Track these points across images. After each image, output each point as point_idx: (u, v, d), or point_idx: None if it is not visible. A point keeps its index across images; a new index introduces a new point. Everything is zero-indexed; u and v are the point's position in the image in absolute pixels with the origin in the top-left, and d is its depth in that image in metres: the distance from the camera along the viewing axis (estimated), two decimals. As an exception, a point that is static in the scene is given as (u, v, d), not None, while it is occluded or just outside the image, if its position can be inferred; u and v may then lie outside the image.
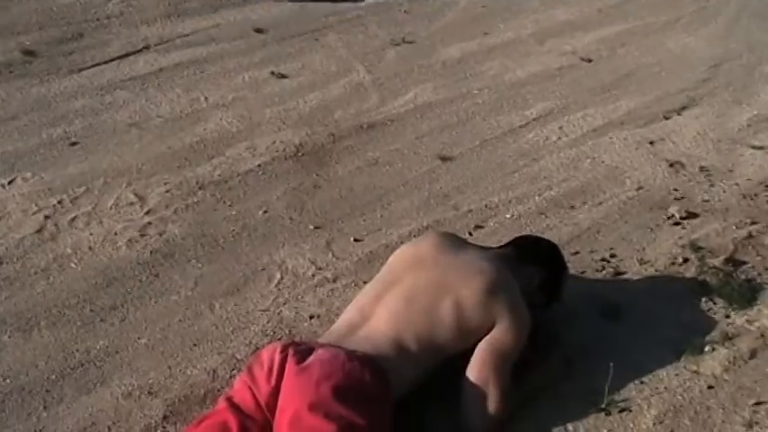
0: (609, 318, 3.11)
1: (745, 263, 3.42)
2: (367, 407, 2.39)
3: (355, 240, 3.57)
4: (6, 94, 4.59)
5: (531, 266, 2.95)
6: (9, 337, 2.99)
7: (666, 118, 4.65)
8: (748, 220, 3.69)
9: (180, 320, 3.08)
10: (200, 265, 3.40)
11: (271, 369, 2.44)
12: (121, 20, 5.47)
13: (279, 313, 3.11)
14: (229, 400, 2.46)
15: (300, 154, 4.19)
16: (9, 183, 3.88)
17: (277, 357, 2.46)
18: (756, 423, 2.66)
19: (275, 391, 2.41)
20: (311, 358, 2.45)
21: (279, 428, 2.35)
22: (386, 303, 2.72)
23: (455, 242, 2.99)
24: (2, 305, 3.14)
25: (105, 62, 5.09)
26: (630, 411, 2.71)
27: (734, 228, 3.64)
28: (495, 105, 4.73)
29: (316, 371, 2.39)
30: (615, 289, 3.27)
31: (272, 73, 5.02)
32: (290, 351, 2.48)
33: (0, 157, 4.07)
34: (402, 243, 3.36)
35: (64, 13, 5.42)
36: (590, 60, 5.32)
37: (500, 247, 3.11)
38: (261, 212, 3.74)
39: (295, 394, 2.37)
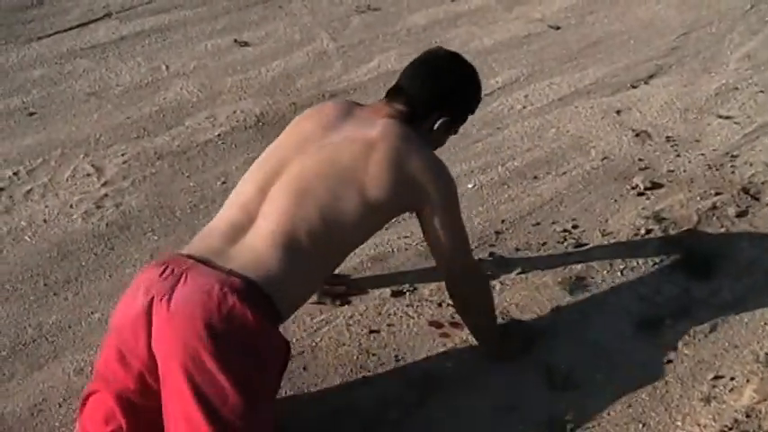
0: (568, 290, 3.08)
1: (708, 234, 3.40)
2: (254, 355, 2.18)
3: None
4: None
5: (432, 113, 2.60)
6: (-41, 311, 2.94)
7: (634, 87, 4.61)
8: (713, 191, 3.66)
9: (134, 295, 3.03)
10: (155, 238, 3.36)
11: (135, 324, 2.17)
12: None
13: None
14: (103, 377, 2.28)
15: (261, 123, 4.13)
16: (-37, 154, 3.83)
17: (140, 303, 2.17)
18: (714, 398, 2.65)
19: (148, 351, 2.17)
20: (178, 298, 2.14)
21: (165, 401, 2.17)
22: (272, 199, 2.37)
23: (342, 111, 2.59)
24: (-47, 279, 3.08)
25: (65, 30, 4.99)
26: (588, 386, 2.69)
27: (698, 199, 3.62)
28: (459, 74, 4.67)
29: (185, 319, 2.11)
30: (576, 261, 3.24)
31: (235, 41, 4.94)
32: (155, 293, 2.17)
33: (-45, 128, 4.00)
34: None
35: None
36: (558, 28, 5.26)
37: (391, 97, 2.62)
38: (219, 183, 3.69)
39: (169, 356, 2.13)
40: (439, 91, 2.60)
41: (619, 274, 3.17)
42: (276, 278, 2.25)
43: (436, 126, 2.61)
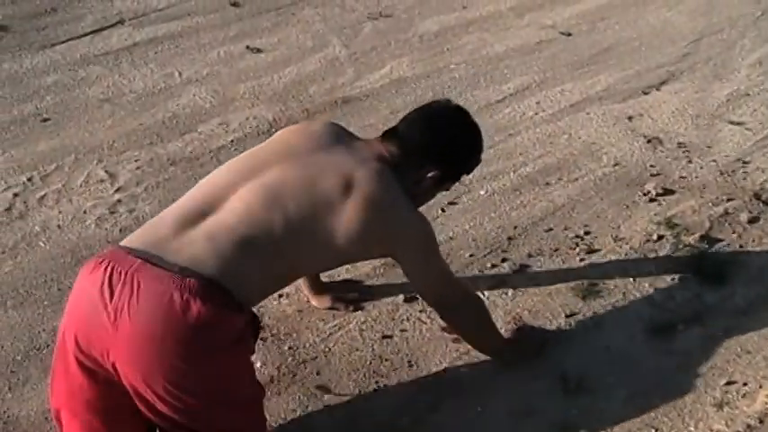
0: (581, 296, 3.08)
1: (720, 240, 3.39)
2: (220, 353, 2.12)
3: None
4: None
5: (425, 165, 2.50)
6: (-26, 316, 2.96)
7: (645, 93, 4.61)
8: (725, 197, 3.66)
9: (147, 300, 3.04)
10: (169, 244, 3.36)
11: (98, 336, 2.07)
12: None
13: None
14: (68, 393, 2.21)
15: (274, 130, 4.12)
16: (-22, 160, 3.85)
17: (98, 314, 2.06)
18: (727, 403, 2.65)
19: (112, 365, 2.09)
20: (138, 312, 2.03)
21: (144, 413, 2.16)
22: (241, 197, 2.26)
23: (333, 135, 2.50)
24: (-32, 284, 3.10)
25: (78, 37, 5.01)
26: (601, 391, 2.70)
27: (710, 205, 3.61)
28: (471, 80, 4.67)
29: (151, 340, 2.02)
30: (588, 267, 3.24)
31: (248, 47, 4.95)
32: (110, 306, 2.05)
33: (-30, 134, 4.02)
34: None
35: None
36: (569, 34, 5.26)
37: (387, 138, 2.53)
38: (232, 190, 3.69)
39: (138, 376, 2.07)
40: (435, 144, 2.51)
41: (631, 280, 3.17)
42: (233, 272, 2.14)
43: (425, 179, 2.51)
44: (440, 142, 2.52)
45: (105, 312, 2.05)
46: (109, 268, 2.09)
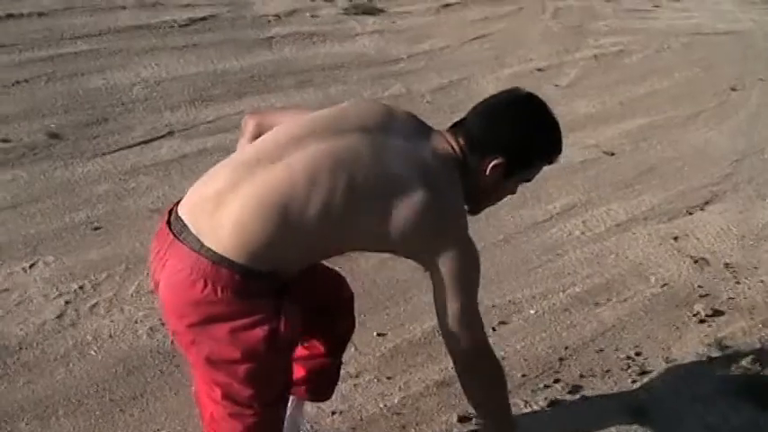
0: (634, 418, 3.06)
1: (772, 362, 3.38)
2: (232, 338, 2.13)
3: (378, 335, 3.53)
4: (30, 177, 4.60)
5: (487, 154, 2.26)
6: (26, 424, 2.95)
7: (690, 213, 4.64)
8: (775, 319, 3.65)
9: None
10: (221, 357, 3.38)
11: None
12: (146, 105, 5.50)
13: (300, 407, 3.07)
14: None
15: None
16: (30, 266, 3.86)
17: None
18: None
19: None
20: (163, 283, 2.17)
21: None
22: (242, 193, 2.12)
23: (377, 115, 2.29)
24: (20, 392, 3.09)
25: (129, 147, 5.10)
26: None
27: (760, 326, 3.61)
28: (518, 199, 4.68)
29: (167, 308, 2.19)
30: (641, 388, 3.22)
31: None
32: (155, 275, 2.23)
33: (22, 241, 4.04)
34: (425, 338, 3.34)
35: (89, 97, 5.45)
36: (613, 154, 5.33)
37: (457, 126, 2.32)
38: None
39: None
40: (494, 128, 2.28)
41: (684, 401, 3.14)
42: (252, 247, 2.09)
43: (488, 169, 2.26)
44: (499, 124, 2.28)
45: (153, 281, 2.26)
46: (157, 240, 2.24)
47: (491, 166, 2.24)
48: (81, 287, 3.77)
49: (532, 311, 3.72)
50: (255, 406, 2.24)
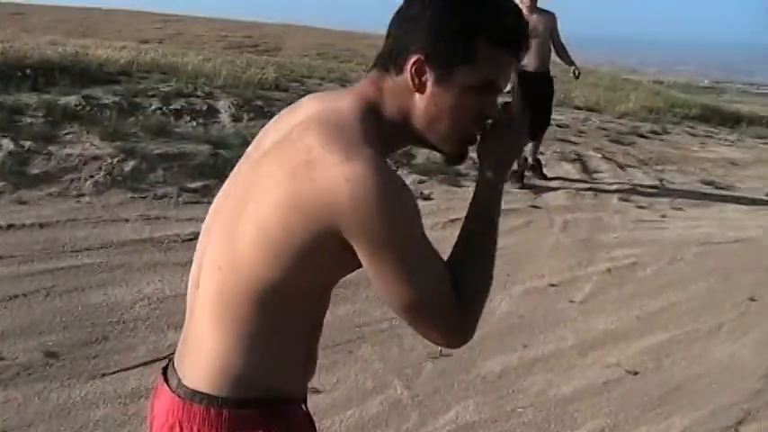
0: None
1: None
2: None
3: None
4: (24, 399, 4.34)
5: (408, 58, 1.72)
6: None
7: (724, 435, 4.42)
8: None
9: None
10: None
11: None
12: (148, 323, 5.28)
13: None
14: None
15: None
16: None
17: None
18: None
19: None
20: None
21: None
22: (202, 288, 1.82)
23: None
24: None
25: (130, 368, 4.88)
26: None
27: None
28: (542, 425, 4.49)
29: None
30: None
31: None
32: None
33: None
34: None
35: (89, 314, 5.25)
36: (636, 373, 5.13)
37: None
38: None
39: None
40: (406, 23, 1.75)
41: None
42: (226, 378, 1.77)
43: (411, 76, 1.72)
44: (408, 17, 1.75)
45: None
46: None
47: (410, 69, 1.71)
48: None
49: None
50: None
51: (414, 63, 1.70)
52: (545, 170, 10.01)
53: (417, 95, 1.73)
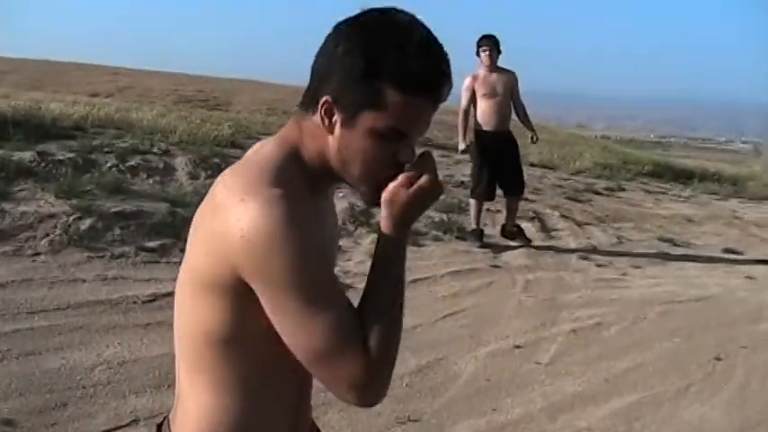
0: None
1: None
2: None
3: None
4: None
5: (318, 101, 1.69)
6: None
7: (699, 502, 4.34)
8: None
9: None
10: None
11: None
12: (108, 389, 5.06)
13: None
14: None
15: None
16: None
17: None
18: None
19: None
20: None
21: None
22: (175, 340, 1.83)
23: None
24: None
25: (89, 437, 4.71)
26: None
27: None
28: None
29: None
30: None
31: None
32: None
33: None
34: None
35: (47, 380, 5.03)
36: (607, 441, 5.06)
37: None
38: None
39: None
40: (322, 52, 1.70)
41: None
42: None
43: (322, 116, 1.68)
44: (320, 52, 1.71)
45: None
46: None
47: (320, 110, 1.67)
48: None
49: None
50: None
51: (323, 104, 1.67)
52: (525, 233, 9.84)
53: (330, 136, 1.70)
